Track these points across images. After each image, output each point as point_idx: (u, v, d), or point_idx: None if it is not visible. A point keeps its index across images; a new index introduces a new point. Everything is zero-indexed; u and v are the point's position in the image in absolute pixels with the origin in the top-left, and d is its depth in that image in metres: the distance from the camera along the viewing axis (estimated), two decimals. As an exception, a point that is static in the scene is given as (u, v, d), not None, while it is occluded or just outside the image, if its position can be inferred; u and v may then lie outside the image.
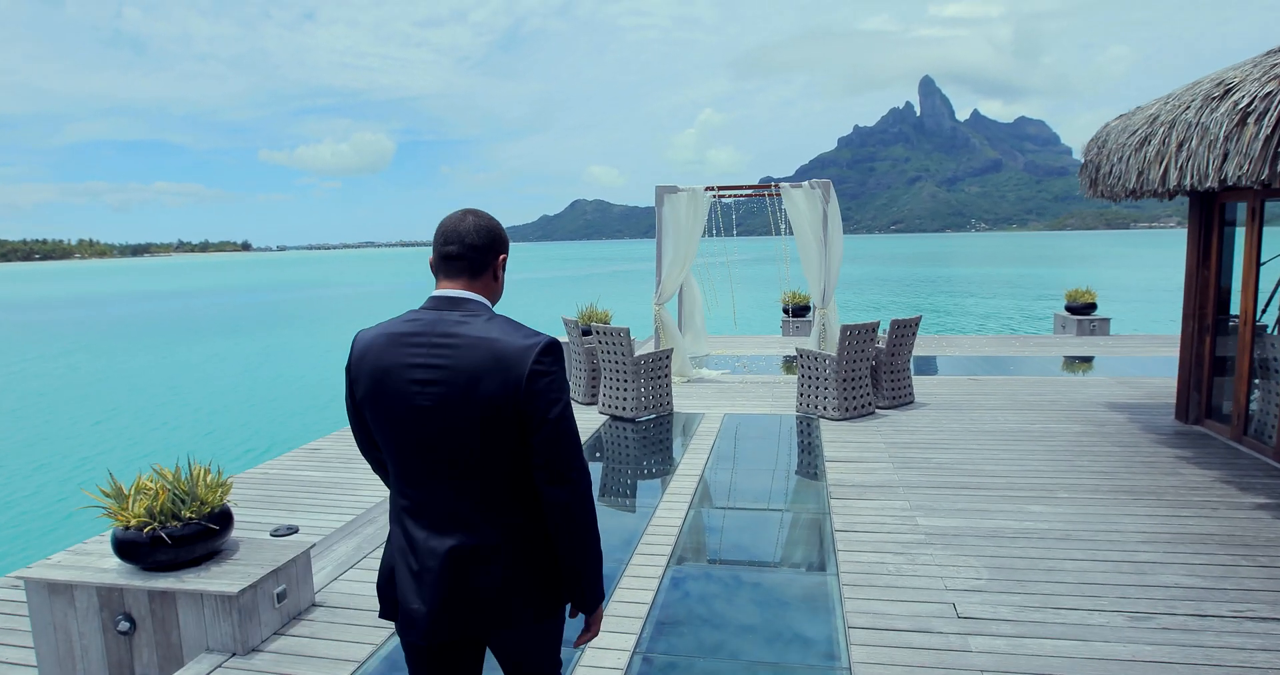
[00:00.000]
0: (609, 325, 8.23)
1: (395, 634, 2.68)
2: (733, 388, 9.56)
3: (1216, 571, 4.10)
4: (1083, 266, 70.48)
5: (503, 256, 1.96)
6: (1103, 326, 13.47)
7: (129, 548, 3.49)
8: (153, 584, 3.46)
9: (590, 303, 10.10)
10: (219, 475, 3.86)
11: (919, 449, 6.54)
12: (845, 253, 9.77)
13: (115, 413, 16.87)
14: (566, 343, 8.98)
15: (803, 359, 7.95)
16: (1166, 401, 8.06)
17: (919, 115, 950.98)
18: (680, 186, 9.70)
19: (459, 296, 1.89)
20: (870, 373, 7.93)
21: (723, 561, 4.46)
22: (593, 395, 8.77)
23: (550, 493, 1.84)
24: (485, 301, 1.92)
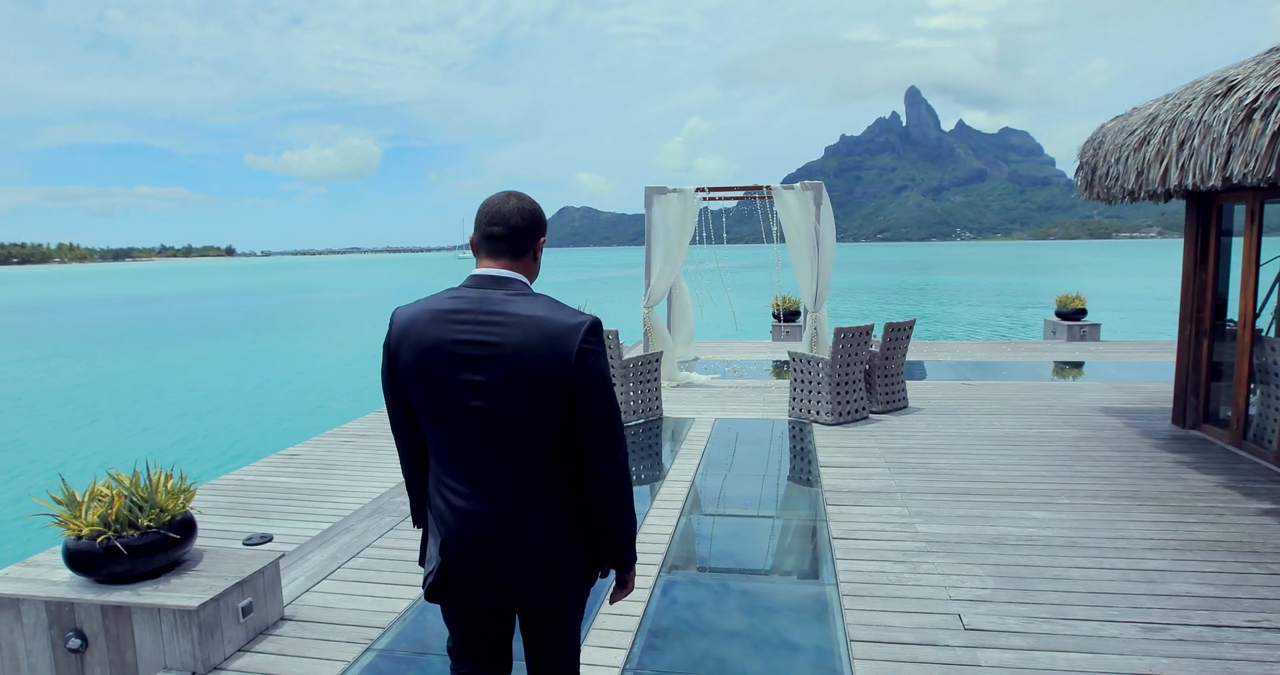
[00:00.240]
0: (597, 328, 8.03)
1: (372, 644, 2.71)
2: (723, 392, 9.38)
3: (1228, 580, 3.95)
4: (1068, 275, 70.92)
5: (542, 239, 2.04)
6: (1093, 332, 13.41)
7: (81, 559, 3.26)
8: (106, 598, 3.22)
9: (578, 307, 9.90)
10: (181, 481, 3.63)
11: (915, 454, 6.38)
12: (833, 261, 9.63)
13: (94, 418, 16.49)
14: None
15: (795, 362, 7.78)
16: (1162, 406, 7.95)
17: (905, 125, 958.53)
18: (670, 187, 9.53)
19: (503, 275, 1.94)
20: (864, 377, 7.77)
21: (716, 571, 4.26)
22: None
23: (595, 463, 1.93)
24: (526, 280, 1.99)
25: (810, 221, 9.32)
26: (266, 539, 5.99)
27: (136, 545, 3.30)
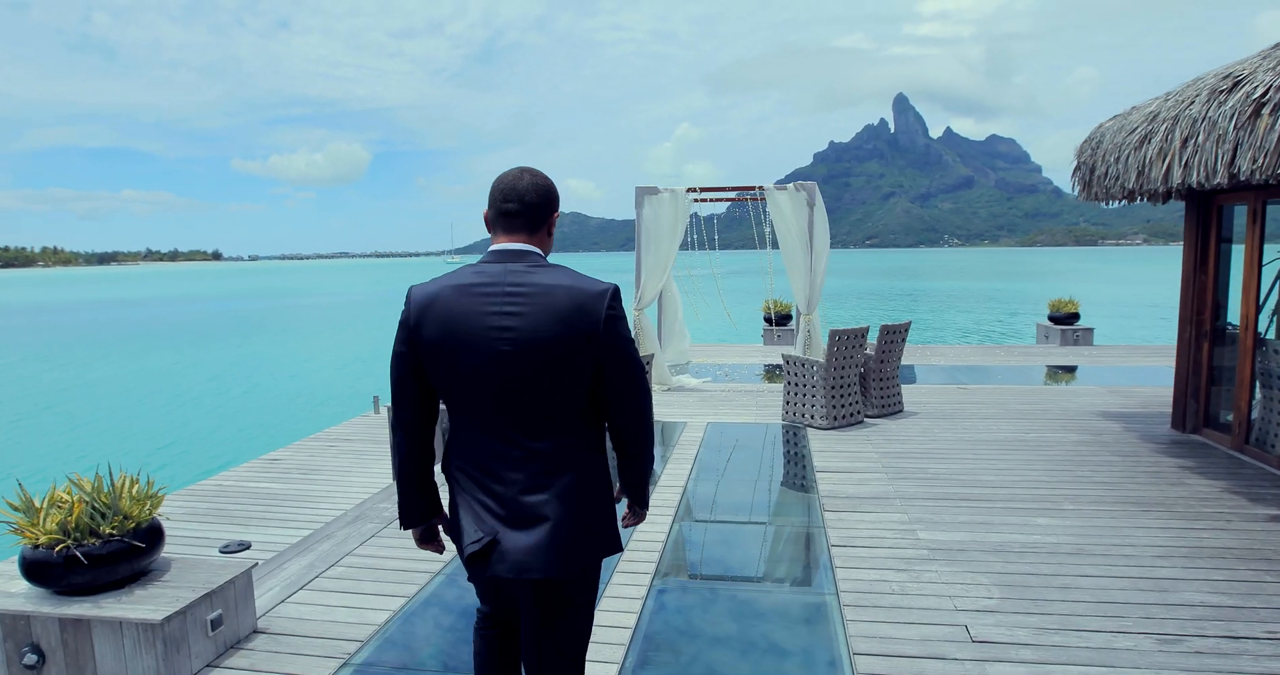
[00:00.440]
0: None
1: (350, 659, 2.58)
2: (715, 396, 9.22)
3: (1242, 588, 3.81)
4: (1056, 281, 71.29)
5: (556, 214, 2.08)
6: (1086, 336, 13.34)
7: (39, 569, 3.06)
8: (65, 611, 3.02)
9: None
10: (149, 486, 3.44)
11: (913, 459, 6.23)
12: (827, 263, 9.50)
13: (75, 422, 16.17)
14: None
15: (789, 365, 7.63)
16: (1160, 410, 7.85)
17: (893, 132, 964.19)
18: (661, 187, 9.38)
19: (521, 249, 1.97)
20: (859, 380, 7.63)
21: (711, 580, 4.09)
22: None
23: (623, 423, 2.03)
24: (542, 253, 2.03)
25: (803, 223, 9.19)
26: (244, 546, 5.78)
27: (98, 554, 3.11)
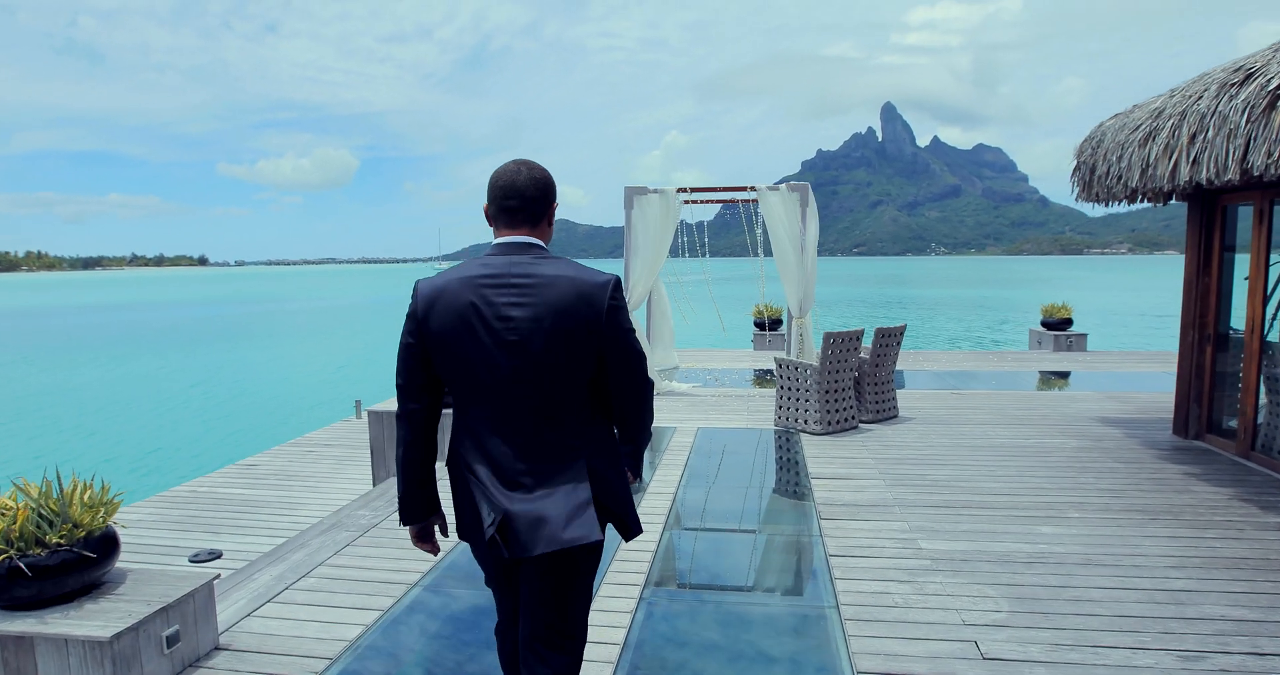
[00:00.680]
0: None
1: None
2: (705, 401, 9.01)
3: (1262, 601, 3.63)
4: (1043, 288, 71.59)
5: (554, 205, 2.12)
6: (1079, 342, 13.23)
7: (-24, 582, 2.81)
8: (6, 627, 2.78)
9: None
10: (103, 492, 3.19)
11: (911, 465, 6.04)
12: (817, 265, 9.33)
13: (51, 427, 15.79)
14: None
15: (782, 369, 7.44)
16: (1159, 416, 7.70)
17: (881, 140, 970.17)
18: (651, 188, 9.19)
19: (525, 242, 2.03)
20: (853, 384, 7.45)
21: (704, 591, 3.87)
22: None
23: (626, 409, 2.10)
24: (544, 245, 2.08)
25: (796, 224, 9.02)
26: (215, 555, 5.53)
27: (44, 566, 2.86)
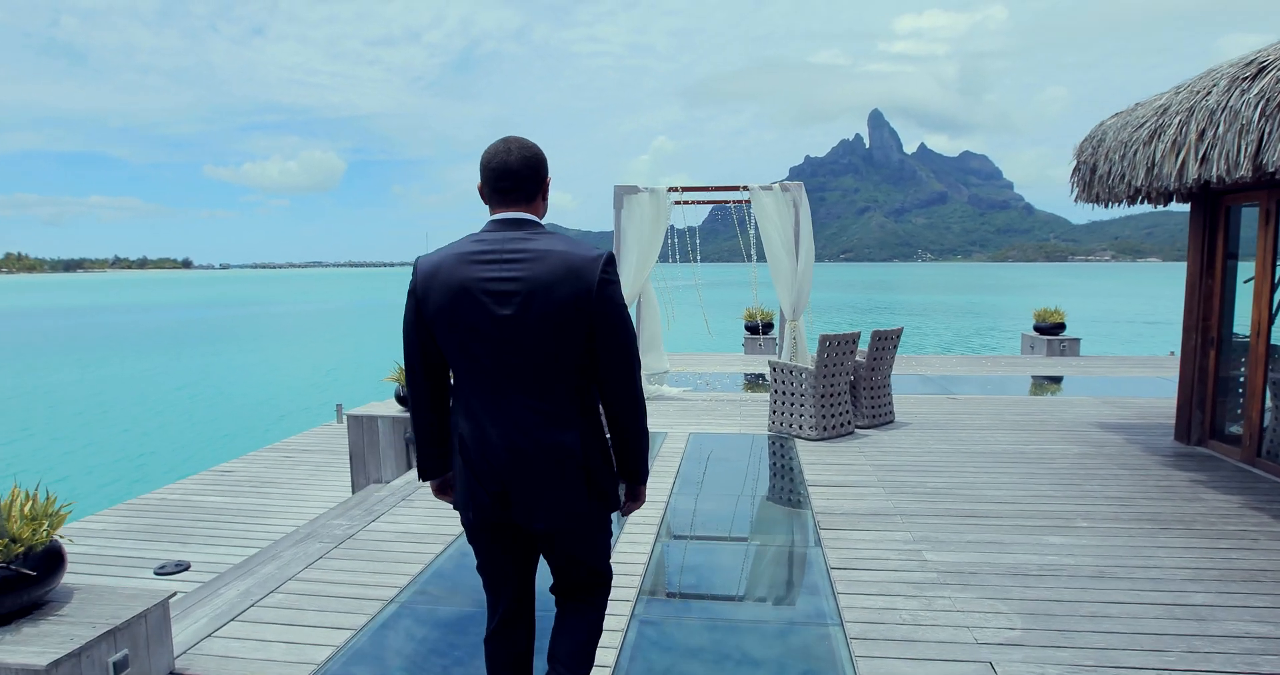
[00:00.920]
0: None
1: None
2: (697, 406, 8.79)
3: (1287, 617, 3.44)
4: (1030, 294, 71.90)
5: (548, 180, 2.14)
6: (1072, 347, 13.11)
7: (-100, 603, 2.55)
8: (-68, 653, 2.51)
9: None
10: (49, 503, 2.93)
11: (910, 472, 5.84)
12: (812, 266, 9.14)
13: (27, 432, 15.38)
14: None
15: (776, 373, 7.23)
16: (1159, 421, 7.55)
17: (868, 147, 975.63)
18: (641, 187, 8.98)
19: (519, 218, 2.06)
20: (849, 388, 7.24)
21: (699, 609, 3.64)
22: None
23: (615, 386, 2.08)
24: (539, 221, 2.11)
25: (790, 225, 8.83)
26: (182, 567, 5.26)
27: (-24, 585, 2.61)
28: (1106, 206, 6.89)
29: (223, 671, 3.03)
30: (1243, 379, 6.42)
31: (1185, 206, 7.49)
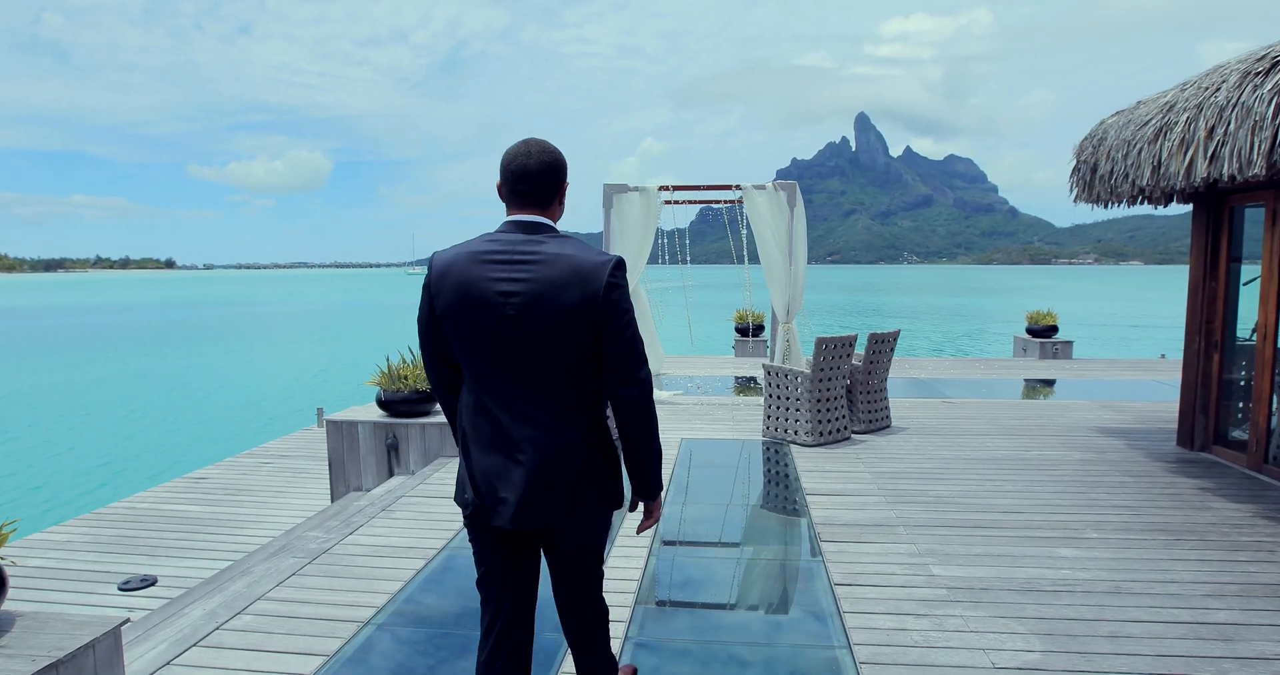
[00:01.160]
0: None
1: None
2: (688, 409, 8.58)
3: (1317, 637, 3.26)
4: (1017, 297, 72.25)
5: (565, 184, 2.14)
6: (1065, 349, 13.00)
7: None
8: None
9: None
10: (-11, 521, 2.68)
11: (911, 480, 5.65)
12: (806, 268, 8.96)
13: (3, 437, 14.96)
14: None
15: (771, 377, 7.03)
16: (1159, 426, 7.41)
17: (854, 150, 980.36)
18: (631, 185, 8.77)
19: (534, 221, 2.07)
20: (845, 393, 7.06)
21: (696, 628, 3.43)
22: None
23: (622, 392, 2.05)
24: (553, 224, 2.11)
25: (783, 225, 8.65)
26: (148, 582, 4.99)
27: (-97, 615, 2.35)
28: (1106, 207, 6.74)
29: (181, 705, 2.78)
30: (1243, 383, 6.29)
31: (1168, 210, 7.39)
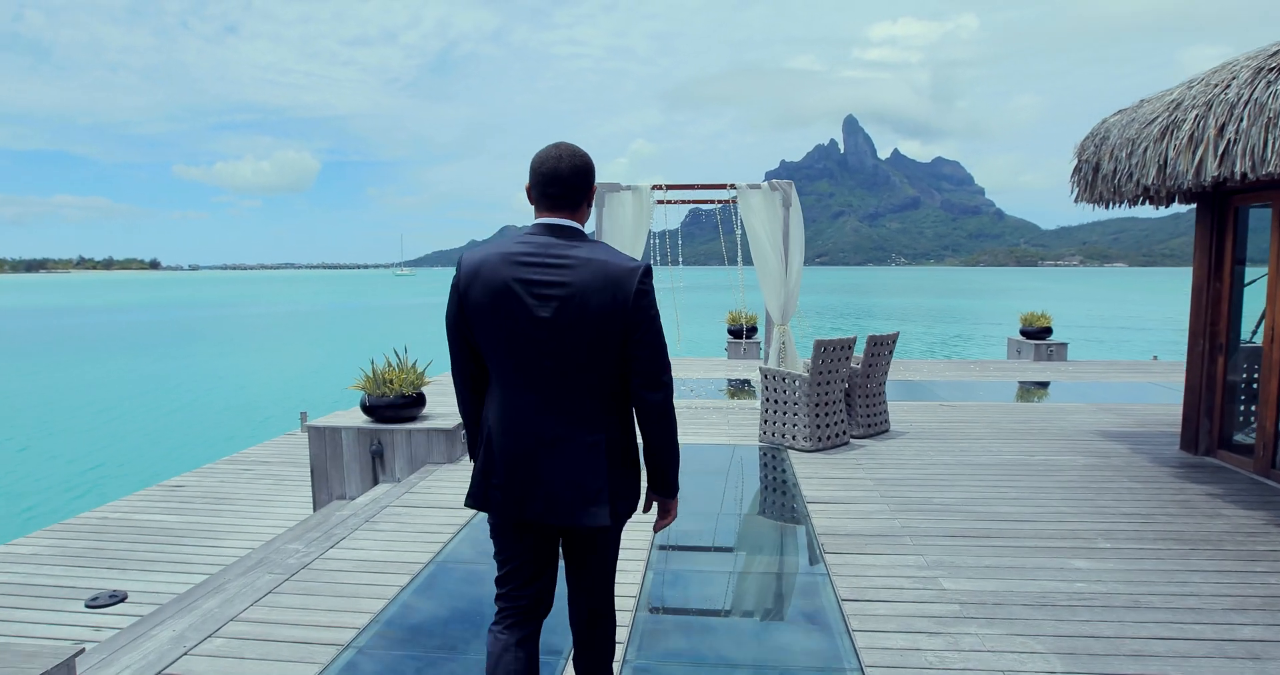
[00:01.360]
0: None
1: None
2: (682, 413, 8.39)
3: (1349, 655, 3.11)
4: (1005, 298, 72.54)
5: (594, 188, 2.19)
6: (1060, 351, 12.91)
7: None
8: None
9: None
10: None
11: (914, 487, 5.49)
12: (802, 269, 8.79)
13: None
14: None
15: (768, 380, 6.85)
16: (1160, 429, 7.29)
17: (843, 152, 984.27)
18: (623, 184, 8.57)
19: (564, 224, 2.12)
20: (843, 396, 6.89)
21: (698, 652, 3.24)
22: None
23: (647, 395, 2.12)
24: (582, 228, 2.17)
25: (779, 225, 8.47)
26: (118, 598, 4.75)
27: None
28: (1108, 207, 6.61)
29: (143, 740, 2.57)
30: (1249, 386, 6.17)
31: (1153, 213, 7.32)
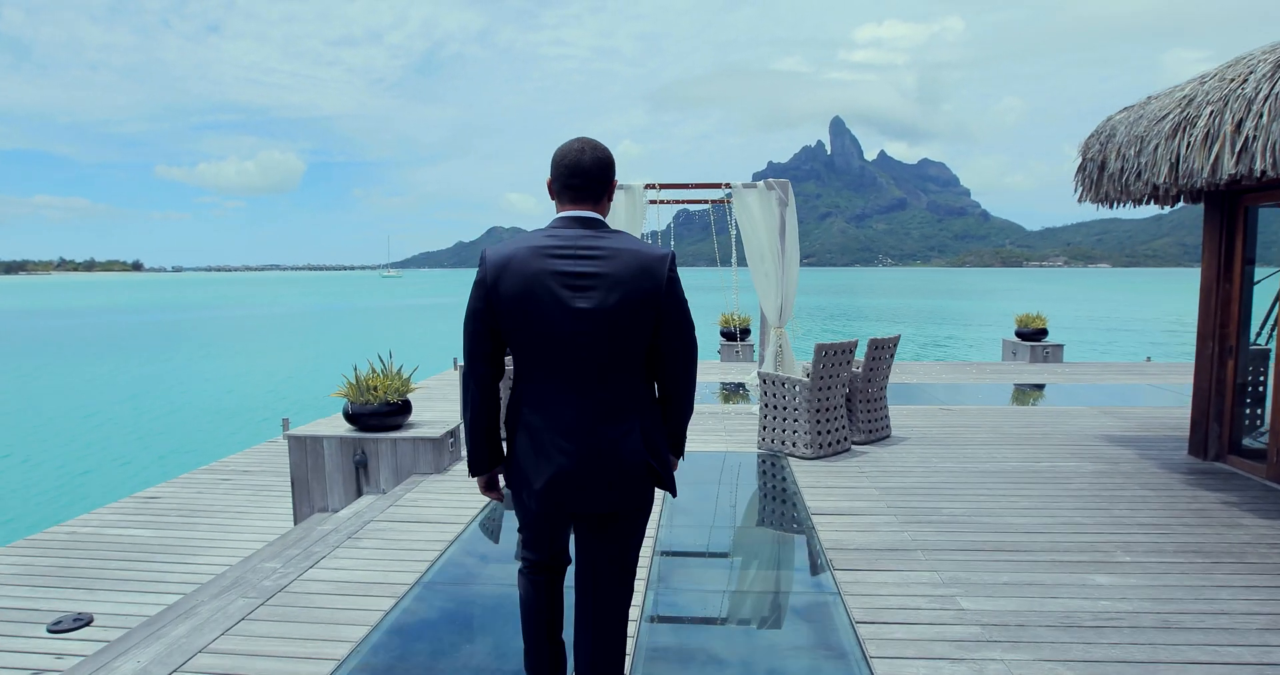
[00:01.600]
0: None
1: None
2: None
3: (1397, 680, 2.92)
4: (993, 299, 72.79)
5: (614, 182, 2.27)
6: (1056, 353, 12.78)
7: None
8: None
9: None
10: None
11: (921, 496, 5.29)
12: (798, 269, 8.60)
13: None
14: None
15: (767, 385, 6.64)
16: (1166, 434, 7.14)
17: (830, 154, 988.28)
18: (617, 183, 8.35)
19: (589, 216, 2.19)
20: (844, 402, 6.69)
21: (700, 660, 3.01)
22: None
23: (677, 374, 2.23)
24: (605, 220, 2.23)
25: (775, 225, 8.28)
26: (83, 622, 4.48)
27: None
28: (1112, 207, 6.45)
29: (96, 795, 2.32)
30: (1260, 389, 6.02)
31: (1135, 214, 7.21)
